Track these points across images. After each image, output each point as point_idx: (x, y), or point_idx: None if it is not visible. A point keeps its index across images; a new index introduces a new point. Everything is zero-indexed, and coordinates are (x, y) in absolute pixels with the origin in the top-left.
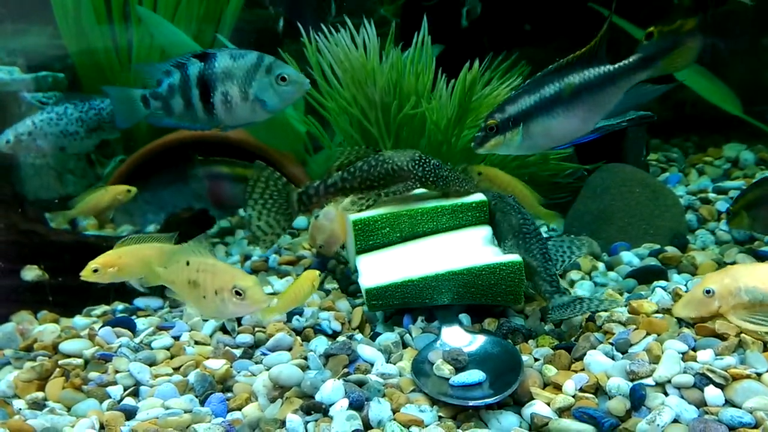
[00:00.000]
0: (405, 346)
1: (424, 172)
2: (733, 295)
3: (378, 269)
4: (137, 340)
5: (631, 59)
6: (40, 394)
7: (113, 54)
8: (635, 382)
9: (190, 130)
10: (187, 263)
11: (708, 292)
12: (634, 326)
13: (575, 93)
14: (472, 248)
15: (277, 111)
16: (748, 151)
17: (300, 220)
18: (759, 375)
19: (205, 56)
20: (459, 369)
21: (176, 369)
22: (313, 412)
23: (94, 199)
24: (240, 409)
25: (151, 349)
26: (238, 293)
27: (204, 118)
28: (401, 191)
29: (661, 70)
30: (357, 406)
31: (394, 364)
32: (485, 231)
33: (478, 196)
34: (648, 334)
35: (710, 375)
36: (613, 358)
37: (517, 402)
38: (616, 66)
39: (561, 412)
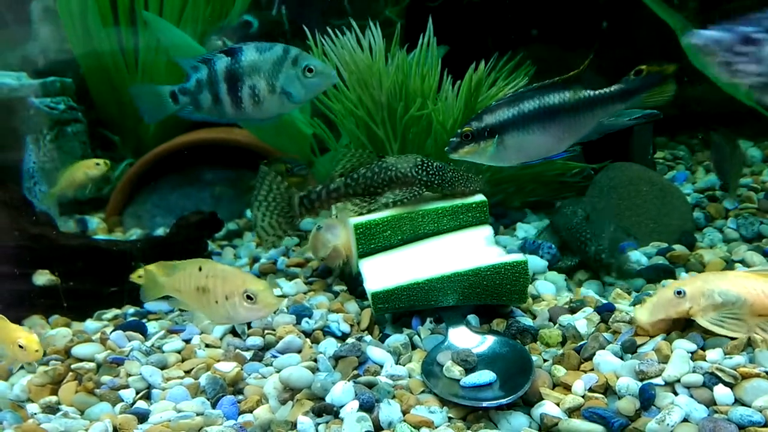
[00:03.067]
0: (414, 347)
1: (429, 176)
2: (705, 297)
3: (382, 273)
4: (148, 343)
5: (612, 89)
6: (53, 398)
7: (120, 57)
8: (644, 382)
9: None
10: (199, 269)
11: (679, 293)
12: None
13: (553, 113)
14: (475, 249)
15: (304, 102)
16: (755, 148)
17: (308, 223)
18: None
19: (232, 51)
20: (468, 370)
21: (187, 372)
22: (323, 414)
23: (67, 176)
24: (251, 412)
25: (163, 352)
26: (249, 297)
27: (232, 113)
28: (408, 198)
29: (639, 103)
30: (367, 407)
31: (404, 365)
32: (487, 231)
33: (479, 197)
34: (651, 336)
35: (719, 374)
36: (622, 357)
37: (526, 402)
38: (596, 93)
39: (571, 412)
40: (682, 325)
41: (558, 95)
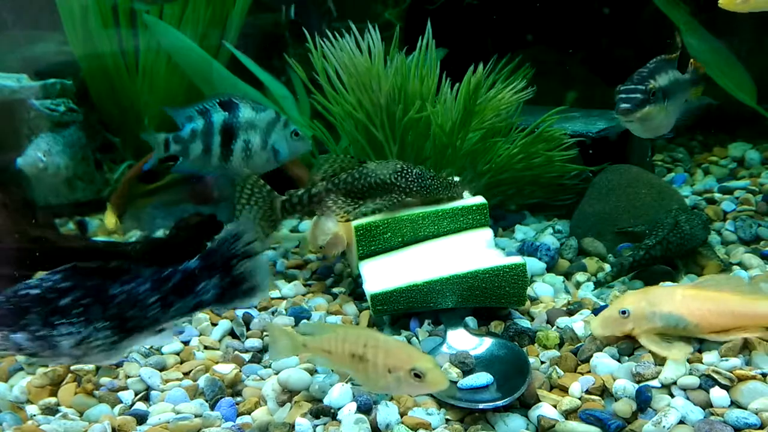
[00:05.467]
0: None
1: (407, 183)
2: (647, 320)
3: (382, 275)
4: (147, 345)
5: (688, 77)
6: (52, 400)
7: (120, 59)
8: (641, 384)
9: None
10: (349, 335)
11: (623, 312)
12: None
13: (685, 87)
14: (474, 251)
15: (284, 162)
16: (753, 151)
17: (307, 225)
18: (764, 376)
19: (228, 105)
20: (466, 372)
21: (186, 374)
22: (321, 415)
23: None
24: (249, 413)
25: (161, 354)
26: (417, 375)
27: (217, 164)
28: (387, 206)
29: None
30: (365, 409)
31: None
32: (487, 234)
33: (478, 199)
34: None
35: (716, 376)
36: (619, 360)
37: (523, 404)
38: (688, 77)
39: (567, 414)
40: None
41: (681, 72)
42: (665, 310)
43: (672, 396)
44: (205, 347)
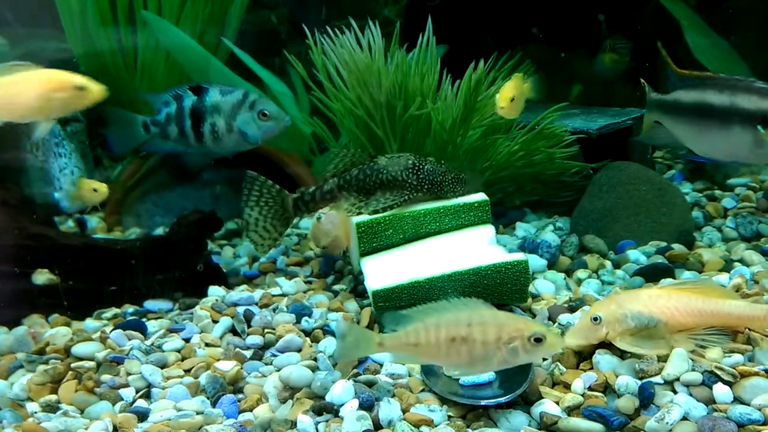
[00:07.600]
0: None
1: (419, 181)
2: (619, 322)
3: (384, 271)
4: (148, 342)
5: None
6: (53, 397)
7: (119, 57)
8: (644, 381)
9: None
10: (444, 320)
11: (595, 319)
12: None
13: None
14: (476, 248)
15: (258, 143)
16: None
17: (307, 222)
18: (767, 372)
19: (199, 89)
20: None
21: (187, 371)
22: (323, 412)
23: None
24: (251, 410)
25: (162, 351)
26: (537, 340)
27: (195, 146)
28: (399, 203)
29: None
30: (367, 406)
31: (403, 364)
32: (489, 230)
33: (480, 196)
34: None
35: (719, 372)
36: (621, 356)
37: (526, 401)
38: None
39: (570, 410)
40: None
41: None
42: (635, 309)
43: (675, 392)
44: (206, 344)
